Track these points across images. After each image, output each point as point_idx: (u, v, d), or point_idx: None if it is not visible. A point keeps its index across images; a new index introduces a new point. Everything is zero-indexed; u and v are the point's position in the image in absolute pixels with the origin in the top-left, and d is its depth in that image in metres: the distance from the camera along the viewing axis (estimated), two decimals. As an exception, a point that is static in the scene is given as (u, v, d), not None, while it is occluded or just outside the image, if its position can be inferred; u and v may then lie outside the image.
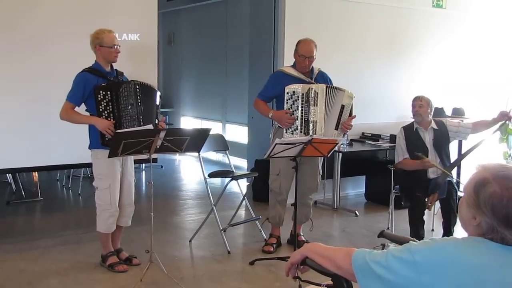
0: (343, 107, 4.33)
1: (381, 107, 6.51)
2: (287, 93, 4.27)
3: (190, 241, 4.75)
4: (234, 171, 4.98)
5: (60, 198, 6.60)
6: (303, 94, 4.22)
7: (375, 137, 6.31)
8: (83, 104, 3.89)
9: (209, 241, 4.76)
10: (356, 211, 5.83)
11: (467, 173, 5.35)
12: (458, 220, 3.54)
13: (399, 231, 4.72)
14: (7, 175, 6.44)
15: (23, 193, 6.24)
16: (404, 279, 1.43)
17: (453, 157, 4.83)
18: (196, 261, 4.41)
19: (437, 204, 4.74)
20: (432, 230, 5.12)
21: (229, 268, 4.19)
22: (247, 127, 6.95)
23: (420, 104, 4.55)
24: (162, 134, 3.58)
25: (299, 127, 4.26)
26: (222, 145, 5.08)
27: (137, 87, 3.90)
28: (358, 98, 4.47)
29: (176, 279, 3.77)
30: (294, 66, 4.49)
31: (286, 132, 4.32)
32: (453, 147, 5.11)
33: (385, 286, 1.46)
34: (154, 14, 5.22)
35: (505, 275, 1.39)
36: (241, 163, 7.49)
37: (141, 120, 3.89)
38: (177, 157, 9.14)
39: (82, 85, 3.81)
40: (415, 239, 1.66)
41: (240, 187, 5.13)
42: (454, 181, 4.60)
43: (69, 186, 6.81)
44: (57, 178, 7.18)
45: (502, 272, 1.39)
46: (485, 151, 5.48)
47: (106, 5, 4.97)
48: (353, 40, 6.36)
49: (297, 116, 4.25)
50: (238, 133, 8.50)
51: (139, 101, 3.89)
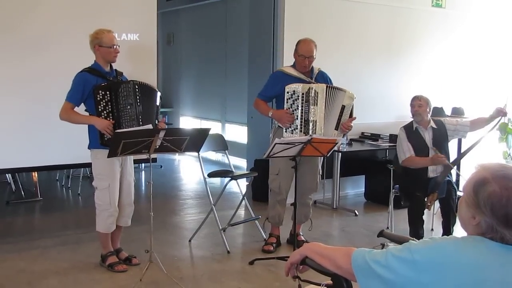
0: (343, 107, 4.33)
1: (380, 106, 6.51)
2: (287, 92, 4.27)
3: (190, 241, 4.75)
4: (234, 171, 4.98)
5: (60, 198, 6.59)
6: (303, 94, 4.22)
7: (375, 137, 6.31)
8: (82, 104, 3.89)
9: (209, 241, 4.76)
10: (356, 211, 5.83)
11: (467, 172, 5.35)
12: (457, 220, 3.56)
13: (398, 231, 4.72)
14: (7, 175, 6.44)
15: (22, 193, 6.23)
16: (403, 278, 1.43)
17: (453, 155, 4.84)
18: (195, 261, 4.41)
19: (437, 204, 4.74)
20: (432, 229, 5.12)
21: (228, 268, 4.19)
22: (246, 127, 6.95)
23: (419, 104, 4.55)
24: (162, 134, 3.58)
25: (299, 126, 4.26)
26: (222, 145, 5.08)
27: (136, 87, 3.90)
28: (358, 97, 4.46)
29: (175, 279, 3.77)
30: (294, 66, 4.49)
31: (286, 131, 4.32)
32: (453, 146, 5.11)
33: (384, 286, 1.46)
34: (154, 14, 5.22)
35: (504, 274, 1.39)
36: (240, 163, 7.48)
37: (140, 120, 3.89)
38: (177, 157, 9.14)
39: (81, 85, 3.81)
40: (414, 238, 1.66)
41: (240, 186, 5.13)
42: (455, 179, 4.60)
43: (69, 186, 6.81)
44: (57, 178, 7.18)
45: (501, 271, 1.39)
46: (484, 151, 5.48)
47: (105, 5, 4.97)
48: (352, 40, 6.36)
49: (297, 116, 4.25)
50: (237, 133, 8.50)
51: (138, 101, 3.89)
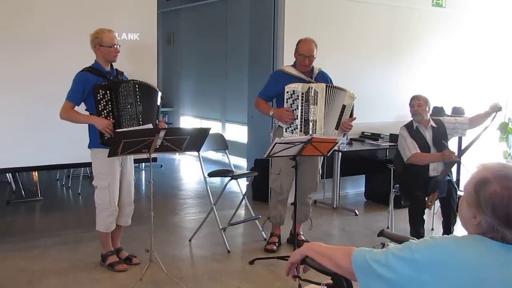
0: (344, 107, 4.32)
1: (381, 106, 6.51)
2: (287, 92, 4.26)
3: (190, 240, 4.75)
4: (234, 170, 4.97)
5: (60, 198, 6.59)
6: (303, 93, 4.22)
7: (375, 136, 6.31)
8: (83, 103, 3.89)
9: (209, 241, 4.76)
10: (356, 210, 5.83)
11: (469, 168, 5.35)
12: (458, 219, 3.56)
13: (399, 230, 4.72)
14: (7, 174, 6.44)
15: (23, 192, 6.24)
16: (404, 277, 1.43)
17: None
18: (196, 261, 4.41)
19: (437, 203, 4.74)
20: (432, 229, 5.12)
21: (228, 268, 4.19)
22: (246, 127, 6.95)
23: (418, 103, 4.55)
24: (162, 134, 3.58)
25: (299, 126, 4.26)
26: (222, 144, 5.08)
27: (137, 86, 3.90)
28: (358, 97, 4.46)
29: (176, 278, 3.77)
30: (294, 65, 4.49)
31: (286, 131, 4.32)
32: (453, 145, 5.11)
33: (385, 285, 1.46)
34: (154, 14, 5.22)
35: (505, 273, 1.39)
36: (240, 163, 7.48)
37: (140, 120, 3.89)
38: (177, 156, 9.14)
39: (81, 84, 3.81)
40: (415, 238, 1.66)
41: (240, 186, 5.13)
42: (455, 179, 4.59)
43: (69, 185, 6.80)
44: (57, 177, 7.18)
45: (502, 270, 1.39)
46: (485, 150, 5.49)
47: (106, 4, 4.97)
48: (352, 39, 6.35)
49: (297, 115, 4.25)
50: (237, 133, 8.50)
51: (138, 100, 3.89)
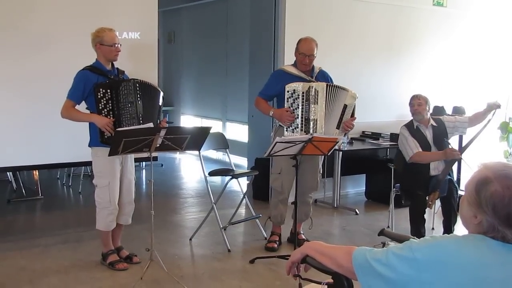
0: (345, 106, 4.32)
1: (381, 105, 6.50)
2: (288, 91, 4.26)
3: (191, 239, 4.75)
4: (234, 169, 4.97)
5: (61, 197, 6.60)
6: (303, 93, 4.22)
7: (376, 136, 6.31)
8: (84, 102, 3.90)
9: (210, 240, 4.76)
10: (356, 210, 5.82)
11: (469, 168, 5.34)
12: (458, 219, 3.56)
13: (399, 230, 4.72)
14: (8, 173, 6.45)
15: (23, 191, 6.25)
16: (404, 276, 1.43)
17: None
18: (196, 260, 4.41)
19: (438, 203, 4.74)
20: (433, 228, 5.11)
21: (229, 267, 4.19)
22: (247, 126, 6.95)
23: (418, 103, 4.55)
24: (163, 133, 3.58)
25: (299, 125, 4.25)
26: (223, 143, 5.08)
27: (137, 85, 3.90)
28: (359, 96, 4.45)
29: (176, 277, 3.77)
30: (294, 64, 4.49)
31: (286, 130, 4.32)
32: (454, 143, 5.10)
33: (385, 284, 1.46)
34: (155, 13, 5.21)
35: (505, 273, 1.39)
36: (241, 162, 7.49)
37: (140, 119, 3.89)
38: (177, 155, 9.14)
39: (82, 83, 3.82)
40: (415, 237, 1.66)
41: (241, 185, 5.14)
42: (456, 178, 4.59)
43: (70, 184, 6.81)
44: (58, 176, 7.18)
45: (502, 270, 1.39)
46: (485, 150, 5.48)
47: (106, 3, 4.96)
48: (353, 39, 6.35)
49: (298, 115, 4.24)
50: (238, 132, 8.50)
51: (138, 99, 3.89)
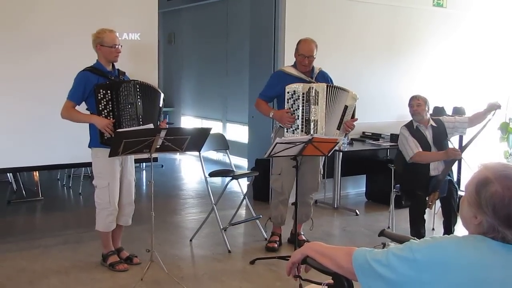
0: (346, 107, 4.32)
1: (381, 106, 6.50)
2: (288, 92, 4.26)
3: (191, 240, 4.75)
4: (235, 170, 4.97)
5: (61, 198, 6.59)
6: (303, 94, 4.22)
7: (376, 136, 6.31)
8: (84, 103, 3.90)
9: (210, 240, 4.76)
10: (357, 210, 5.82)
11: (469, 168, 5.34)
12: (458, 219, 3.56)
13: (399, 230, 4.72)
14: (8, 174, 6.45)
15: (23, 192, 6.25)
16: (404, 277, 1.43)
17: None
18: (196, 260, 4.41)
19: (438, 203, 4.74)
20: (433, 229, 5.11)
21: (229, 267, 4.19)
22: (247, 127, 6.95)
23: (418, 103, 4.56)
24: (163, 134, 3.58)
25: (300, 126, 4.25)
26: (223, 144, 5.08)
27: (137, 86, 3.90)
28: (359, 97, 4.46)
29: (176, 278, 3.77)
30: (294, 65, 4.49)
31: (287, 131, 4.32)
32: (454, 144, 5.10)
33: (385, 285, 1.46)
34: (155, 14, 5.22)
35: (505, 273, 1.39)
36: (241, 163, 7.48)
37: (140, 120, 3.89)
38: (178, 156, 9.14)
39: (82, 84, 3.82)
40: (415, 238, 1.65)
41: (241, 186, 5.14)
42: (456, 179, 4.58)
43: (70, 185, 6.80)
44: (58, 177, 7.18)
45: (502, 270, 1.39)
46: (485, 150, 5.48)
47: (106, 4, 4.97)
48: (353, 39, 6.35)
49: (298, 116, 4.25)
50: (238, 133, 8.50)
51: (139, 101, 3.89)
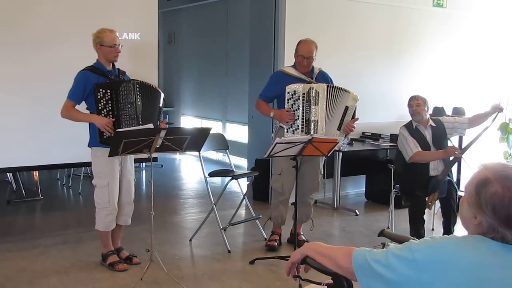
0: (347, 108, 4.32)
1: (381, 106, 6.50)
2: (288, 92, 4.26)
3: (191, 240, 4.75)
4: (234, 170, 4.97)
5: (61, 197, 6.60)
6: (303, 94, 4.22)
7: (376, 137, 6.31)
8: (84, 102, 3.90)
9: (209, 240, 4.76)
10: (356, 211, 5.82)
11: (469, 168, 5.34)
12: (458, 219, 3.56)
13: (399, 231, 4.71)
14: (8, 174, 6.45)
15: (23, 192, 6.24)
16: (404, 277, 1.43)
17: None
18: (196, 260, 4.41)
19: (437, 204, 4.74)
20: (432, 229, 5.11)
21: (229, 267, 4.19)
22: (247, 126, 6.95)
23: (417, 103, 4.57)
24: (163, 133, 3.59)
25: (300, 126, 4.25)
26: (223, 144, 5.08)
27: (137, 86, 3.90)
28: (359, 98, 4.46)
29: (176, 278, 3.77)
30: (294, 66, 4.48)
31: (287, 132, 4.32)
32: (454, 143, 5.10)
33: (385, 285, 1.46)
34: (155, 13, 5.22)
35: (505, 274, 1.39)
36: (241, 162, 7.48)
37: (140, 120, 3.89)
38: (177, 156, 9.14)
39: (82, 83, 3.82)
40: (415, 238, 1.65)
41: (241, 186, 5.14)
42: (455, 179, 4.58)
43: (70, 185, 6.81)
44: (58, 177, 7.18)
45: (502, 271, 1.39)
46: (485, 150, 5.48)
47: (106, 4, 4.96)
48: (353, 40, 6.35)
49: (298, 116, 4.25)
50: (238, 132, 8.50)
51: (138, 100, 3.89)
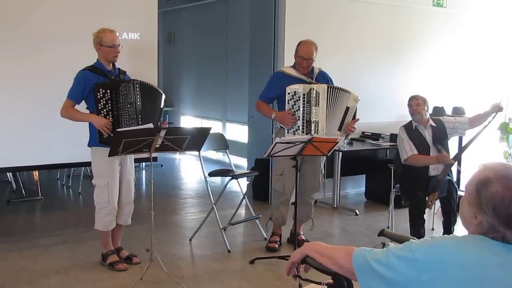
0: (347, 109, 4.31)
1: (381, 106, 6.50)
2: (288, 93, 4.25)
3: (190, 240, 4.75)
4: (234, 170, 4.97)
5: (60, 197, 6.59)
6: (304, 95, 4.21)
7: (375, 136, 6.31)
8: (84, 102, 3.90)
9: (209, 240, 4.76)
10: (356, 210, 5.82)
11: (467, 168, 5.35)
12: (458, 219, 3.56)
13: (399, 230, 4.72)
14: (8, 173, 6.45)
15: (23, 192, 6.24)
16: (404, 277, 1.43)
17: (454, 153, 4.82)
18: (196, 260, 4.41)
19: (438, 203, 4.74)
20: (433, 229, 5.11)
21: (229, 267, 4.19)
22: (247, 126, 6.95)
23: (417, 103, 4.57)
24: (163, 133, 3.58)
25: (300, 127, 4.25)
26: (222, 144, 5.08)
27: (137, 86, 3.90)
28: (360, 97, 4.46)
29: (176, 277, 3.77)
30: (294, 66, 4.48)
31: (288, 132, 4.32)
32: (454, 144, 5.10)
33: (385, 284, 1.46)
34: (154, 13, 5.21)
35: (505, 273, 1.39)
36: (241, 162, 7.48)
37: (139, 120, 3.89)
38: (177, 156, 9.14)
39: (82, 83, 3.82)
40: (415, 238, 1.66)
41: (240, 186, 5.14)
42: (455, 178, 4.59)
43: (69, 185, 6.81)
44: (57, 177, 7.18)
45: (502, 270, 1.39)
46: (485, 150, 5.48)
47: (106, 4, 4.96)
48: (353, 40, 6.35)
49: (299, 117, 4.24)
50: (238, 132, 8.50)
51: (138, 100, 3.89)
